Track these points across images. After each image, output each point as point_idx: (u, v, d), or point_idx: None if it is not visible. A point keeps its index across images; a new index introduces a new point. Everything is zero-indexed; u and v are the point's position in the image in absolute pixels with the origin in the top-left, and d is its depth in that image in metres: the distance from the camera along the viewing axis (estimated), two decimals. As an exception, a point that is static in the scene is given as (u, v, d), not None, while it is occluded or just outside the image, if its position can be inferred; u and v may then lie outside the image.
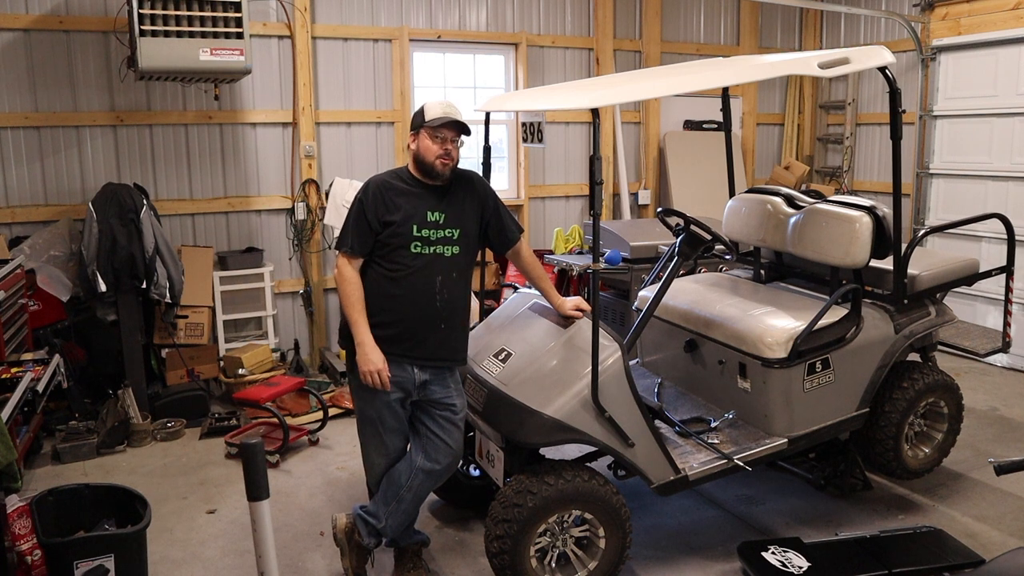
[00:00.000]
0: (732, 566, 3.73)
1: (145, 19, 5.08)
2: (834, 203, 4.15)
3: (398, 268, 3.26)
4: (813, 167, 8.63)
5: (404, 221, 3.25)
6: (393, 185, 3.32)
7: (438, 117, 3.28)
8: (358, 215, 3.27)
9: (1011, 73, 6.57)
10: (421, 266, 3.27)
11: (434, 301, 3.29)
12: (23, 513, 3.16)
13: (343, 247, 3.28)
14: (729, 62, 4.07)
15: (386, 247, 3.26)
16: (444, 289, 3.30)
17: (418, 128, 3.31)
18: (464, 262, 3.39)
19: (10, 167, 5.74)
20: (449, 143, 3.29)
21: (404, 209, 3.26)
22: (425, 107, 3.34)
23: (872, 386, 4.02)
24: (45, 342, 5.36)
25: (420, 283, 3.27)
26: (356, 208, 3.29)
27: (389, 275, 3.27)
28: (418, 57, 7.01)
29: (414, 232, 3.26)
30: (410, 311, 3.27)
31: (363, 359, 3.20)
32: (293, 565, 3.78)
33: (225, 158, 6.36)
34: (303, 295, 6.70)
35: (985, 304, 6.76)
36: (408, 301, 3.26)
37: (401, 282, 3.26)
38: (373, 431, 3.40)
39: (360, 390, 3.35)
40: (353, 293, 3.24)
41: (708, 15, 8.12)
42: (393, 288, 3.26)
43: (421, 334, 3.29)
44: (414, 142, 3.32)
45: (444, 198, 3.34)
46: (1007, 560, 2.21)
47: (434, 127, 3.26)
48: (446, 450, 3.41)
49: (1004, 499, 4.34)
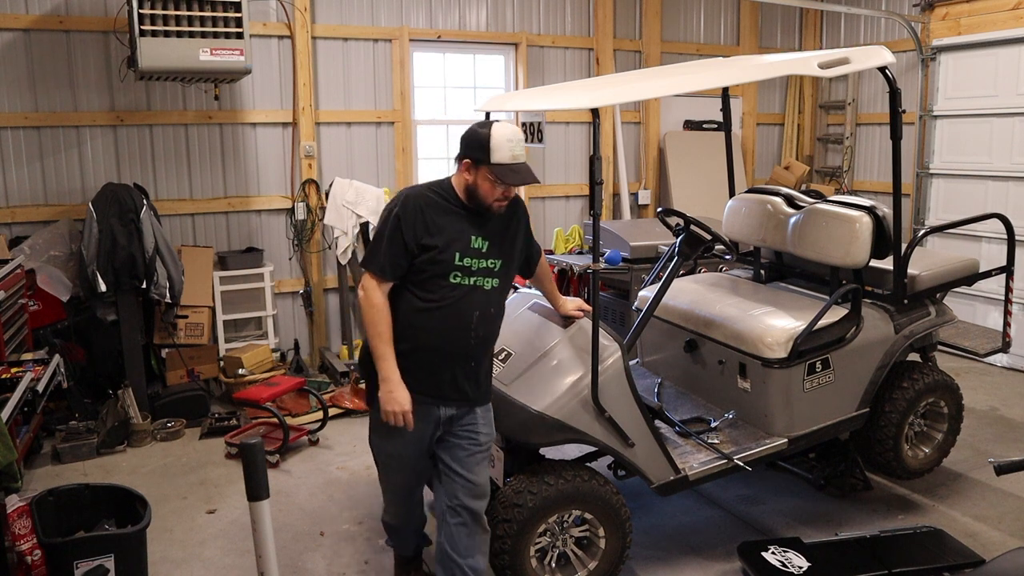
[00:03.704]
0: (732, 566, 3.73)
1: (145, 19, 5.08)
2: (834, 203, 4.15)
3: (432, 299, 2.90)
4: (813, 167, 8.63)
5: (446, 247, 2.87)
6: (434, 202, 2.91)
7: (507, 164, 2.84)
8: (393, 233, 2.86)
9: (1011, 73, 6.57)
10: (458, 298, 2.91)
11: (468, 338, 2.95)
12: (23, 513, 3.16)
13: (372, 268, 2.90)
14: (729, 62, 4.07)
15: (421, 273, 2.89)
16: (480, 326, 2.97)
17: (479, 163, 2.86)
18: (502, 297, 3.06)
19: (10, 167, 5.74)
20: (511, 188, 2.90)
21: (447, 232, 2.88)
22: (492, 140, 2.82)
23: (872, 386, 4.02)
24: (45, 342, 5.36)
25: (454, 317, 2.92)
26: (392, 225, 2.87)
27: (421, 305, 2.91)
28: (418, 57, 7.01)
29: (456, 261, 2.89)
30: (441, 347, 2.93)
31: (387, 397, 2.88)
32: (293, 565, 3.78)
33: (225, 158, 6.36)
34: (303, 295, 6.70)
35: (985, 304, 6.76)
36: (439, 336, 2.92)
37: (434, 314, 2.90)
38: (394, 468, 3.13)
39: (380, 425, 3.02)
40: (380, 322, 2.87)
41: (708, 15, 8.12)
42: (424, 320, 2.91)
43: (450, 372, 2.97)
44: (469, 173, 2.88)
45: (487, 223, 2.97)
46: (1007, 560, 2.21)
47: (499, 174, 2.84)
48: (466, 488, 3.02)
49: (1004, 499, 4.34)
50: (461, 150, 2.92)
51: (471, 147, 2.87)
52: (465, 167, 2.90)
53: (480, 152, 2.84)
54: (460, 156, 2.92)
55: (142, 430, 5.21)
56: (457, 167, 2.96)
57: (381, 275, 2.89)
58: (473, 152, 2.86)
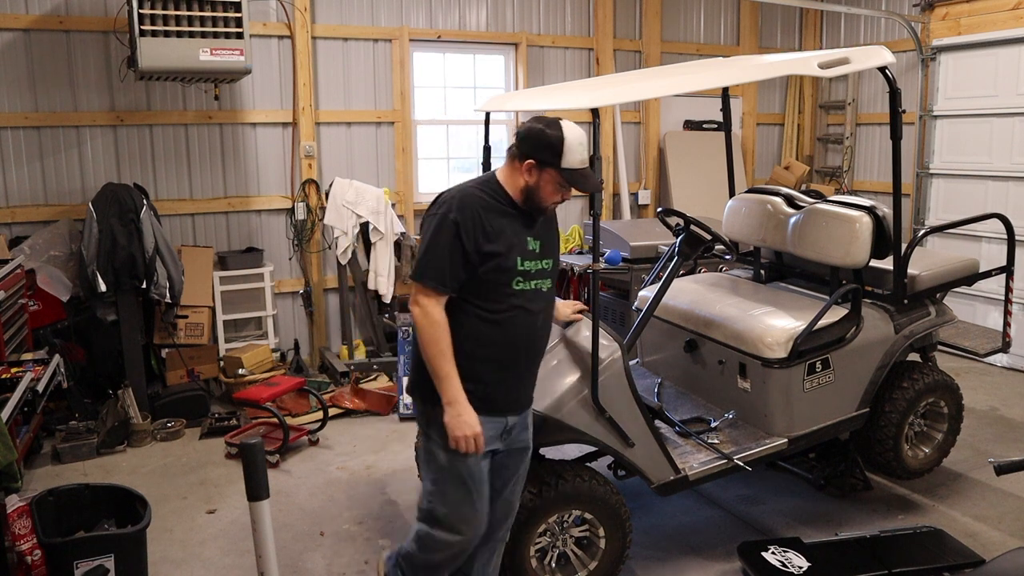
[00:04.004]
0: (732, 566, 3.73)
1: (145, 19, 5.08)
2: (834, 203, 4.15)
3: (499, 309, 2.72)
4: (813, 167, 8.63)
5: (508, 252, 2.70)
6: (489, 204, 2.71)
7: (578, 169, 2.71)
8: (453, 241, 2.63)
9: (1011, 73, 6.57)
10: (521, 305, 2.76)
11: (535, 344, 2.86)
12: (23, 513, 3.16)
13: (430, 280, 2.64)
14: (729, 62, 4.07)
15: (484, 283, 2.70)
16: (542, 331, 2.88)
17: (546, 165, 2.69)
18: (553, 299, 2.96)
19: (10, 167, 5.74)
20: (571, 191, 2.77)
21: (506, 236, 2.71)
22: (565, 143, 2.67)
23: (872, 386, 4.02)
24: (45, 342, 5.36)
25: (523, 325, 2.77)
26: (449, 232, 2.64)
27: (488, 317, 2.72)
28: (418, 57, 7.01)
29: (518, 266, 2.73)
30: (511, 357, 2.80)
31: (456, 422, 2.67)
32: (293, 565, 3.78)
33: (225, 158, 6.36)
34: (303, 295, 6.70)
35: (985, 304, 6.76)
36: (508, 348, 2.78)
37: (502, 325, 2.73)
38: (477, 482, 2.83)
39: (445, 450, 2.79)
40: (443, 339, 2.64)
41: (708, 15, 8.12)
42: (491, 332, 2.74)
43: (516, 384, 2.86)
44: (531, 174, 2.70)
45: (536, 224, 2.84)
46: (1007, 560, 2.21)
47: (569, 179, 2.71)
48: (510, 518, 3.01)
49: (1004, 499, 4.34)
50: (525, 150, 2.70)
51: (539, 149, 2.67)
52: (528, 168, 2.69)
53: (550, 155, 2.67)
54: (522, 156, 2.70)
55: (142, 430, 5.21)
56: (510, 165, 2.76)
57: (441, 288, 2.65)
58: (541, 154, 2.67)
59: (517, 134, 2.76)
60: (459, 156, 7.37)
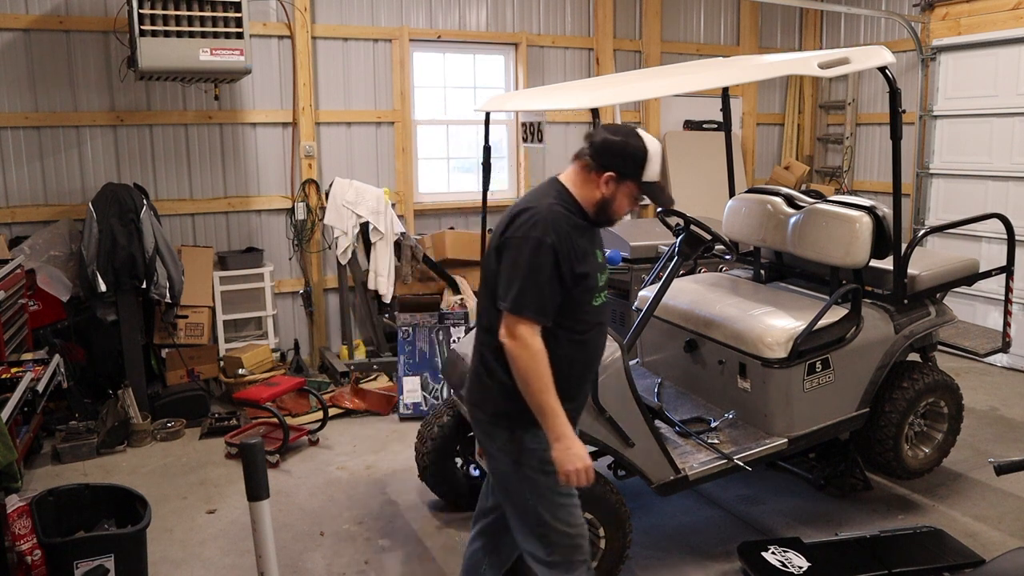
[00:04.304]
0: (732, 566, 3.73)
1: (145, 19, 5.08)
2: (834, 203, 4.15)
3: (586, 328, 2.64)
4: (813, 167, 8.62)
5: (592, 271, 2.60)
6: (573, 222, 2.58)
7: (656, 182, 2.64)
8: (552, 268, 2.48)
9: (1011, 73, 6.57)
10: (599, 321, 2.71)
11: (600, 357, 2.83)
12: (23, 513, 3.16)
13: (531, 311, 2.46)
14: (729, 62, 4.07)
15: (571, 304, 2.58)
16: (606, 342, 2.85)
17: (626, 178, 2.59)
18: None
19: (10, 167, 5.74)
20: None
21: (589, 254, 2.62)
22: (649, 157, 2.59)
23: (872, 386, 4.02)
24: (45, 342, 5.36)
25: (598, 341, 2.73)
26: (548, 257, 2.47)
27: (576, 338, 2.63)
28: (418, 57, 7.01)
29: (599, 283, 2.66)
30: (588, 375, 2.76)
31: (567, 456, 2.51)
32: (293, 565, 3.78)
33: (225, 158, 6.35)
34: (303, 295, 6.70)
35: (985, 304, 6.76)
36: (590, 364, 2.74)
37: (586, 344, 2.67)
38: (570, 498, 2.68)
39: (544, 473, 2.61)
40: (546, 372, 2.46)
41: (708, 15, 8.12)
42: (579, 352, 2.65)
43: (586, 396, 2.87)
44: (609, 187, 2.59)
45: (597, 234, 2.77)
46: (1007, 560, 2.21)
47: (648, 192, 2.64)
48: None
49: (1004, 499, 4.34)
50: (604, 161, 2.58)
51: (622, 160, 2.57)
52: (607, 180, 2.58)
53: (632, 167, 2.58)
54: (601, 167, 2.58)
55: (142, 430, 5.21)
56: (582, 175, 2.64)
57: (542, 318, 2.48)
58: (624, 166, 2.57)
59: (592, 144, 2.62)
60: (459, 156, 7.37)
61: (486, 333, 2.66)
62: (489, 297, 2.63)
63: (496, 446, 2.67)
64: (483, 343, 2.69)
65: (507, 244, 2.54)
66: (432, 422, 4.18)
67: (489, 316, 2.63)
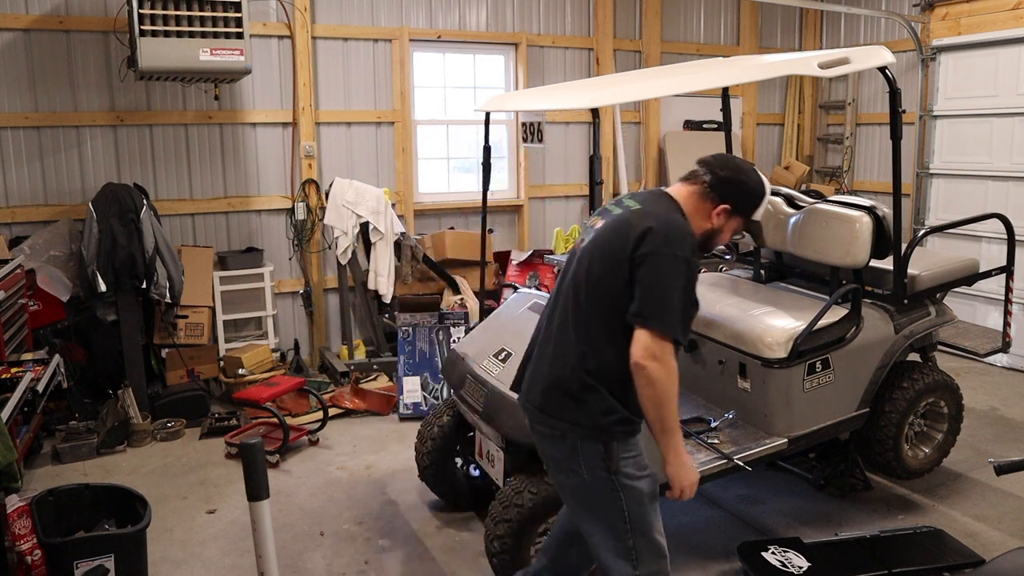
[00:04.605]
0: (732, 566, 3.73)
1: (145, 19, 5.08)
2: (834, 203, 4.15)
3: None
4: (813, 167, 8.63)
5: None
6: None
7: (758, 221, 2.75)
8: (692, 287, 2.46)
9: (1011, 73, 6.57)
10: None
11: None
12: (23, 513, 3.16)
13: (674, 331, 2.38)
14: (729, 62, 4.07)
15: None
16: None
17: (738, 213, 2.63)
18: None
19: (10, 167, 5.74)
20: None
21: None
22: (764, 196, 2.65)
23: (872, 386, 4.02)
24: (45, 342, 5.36)
25: None
26: (688, 277, 2.44)
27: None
28: (418, 57, 7.01)
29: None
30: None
31: (683, 472, 2.52)
32: (293, 565, 3.78)
33: (225, 158, 6.36)
34: (303, 295, 6.70)
35: (985, 304, 6.76)
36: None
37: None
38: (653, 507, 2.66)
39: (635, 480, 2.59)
40: (676, 394, 2.42)
41: (708, 15, 8.12)
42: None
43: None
44: (720, 219, 2.60)
45: None
46: (1007, 560, 2.21)
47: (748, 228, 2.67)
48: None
49: (1004, 499, 4.34)
50: (723, 194, 2.58)
51: (743, 197, 2.60)
52: (721, 211, 2.59)
53: (748, 205, 2.62)
54: (718, 199, 2.59)
55: (142, 430, 5.21)
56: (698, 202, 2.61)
57: (684, 339, 2.43)
58: (743, 201, 2.60)
59: (714, 174, 2.60)
60: (459, 156, 7.37)
61: (584, 345, 2.52)
62: (595, 311, 2.51)
63: (583, 460, 2.54)
64: (573, 356, 2.54)
65: (646, 261, 2.41)
66: (432, 422, 4.18)
67: (589, 330, 2.52)
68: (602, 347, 2.49)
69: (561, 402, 2.56)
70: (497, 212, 7.34)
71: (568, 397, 2.55)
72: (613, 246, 2.50)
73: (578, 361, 2.53)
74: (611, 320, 2.48)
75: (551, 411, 2.59)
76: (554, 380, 2.59)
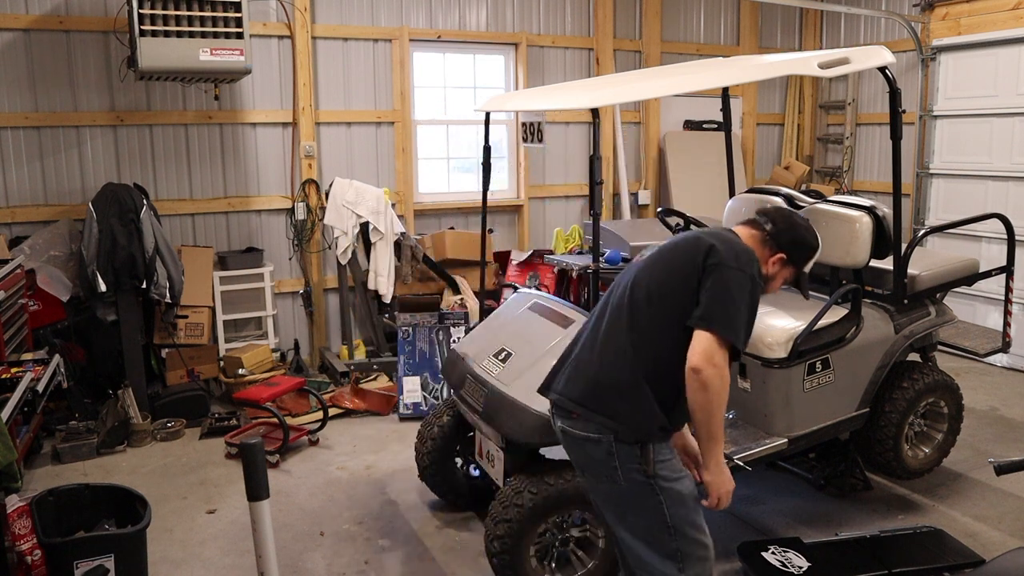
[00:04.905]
0: (732, 566, 3.73)
1: (145, 19, 5.08)
2: (834, 203, 4.15)
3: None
4: (813, 167, 8.63)
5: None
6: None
7: (807, 273, 2.81)
8: (754, 309, 2.56)
9: (1011, 73, 6.57)
10: None
11: None
12: (23, 513, 3.16)
13: (736, 337, 2.45)
14: (729, 62, 4.07)
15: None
16: None
17: (792, 264, 2.73)
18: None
19: (10, 167, 5.74)
20: None
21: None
22: (818, 252, 2.77)
23: (872, 386, 4.02)
24: (45, 342, 5.36)
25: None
26: (751, 296, 2.52)
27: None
28: (418, 57, 7.01)
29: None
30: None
31: (722, 480, 2.58)
32: (293, 565, 3.78)
33: (225, 158, 6.36)
34: (303, 295, 6.70)
35: (985, 304, 6.76)
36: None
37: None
38: (696, 505, 2.65)
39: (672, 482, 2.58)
40: (726, 403, 2.48)
41: (708, 15, 8.12)
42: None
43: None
44: (775, 267, 2.70)
45: None
46: (1007, 560, 2.21)
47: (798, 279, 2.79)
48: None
49: (1004, 499, 4.34)
50: (782, 243, 2.68)
51: (797, 250, 2.71)
52: (777, 260, 2.69)
53: (802, 258, 2.74)
54: (775, 248, 2.68)
55: (142, 430, 5.21)
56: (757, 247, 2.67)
57: (742, 346, 2.49)
58: (796, 255, 2.71)
59: (776, 224, 2.69)
60: (459, 156, 7.37)
61: (641, 349, 2.54)
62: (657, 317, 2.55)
63: (620, 463, 2.54)
64: (626, 357, 2.55)
65: (715, 271, 2.48)
66: (432, 422, 4.18)
67: (648, 335, 2.54)
68: (659, 353, 2.52)
69: (604, 397, 2.56)
70: (497, 212, 7.34)
71: (614, 392, 2.54)
72: (681, 257, 2.59)
73: (632, 362, 2.54)
74: (672, 327, 2.51)
75: (591, 405, 2.57)
76: (603, 377, 2.58)
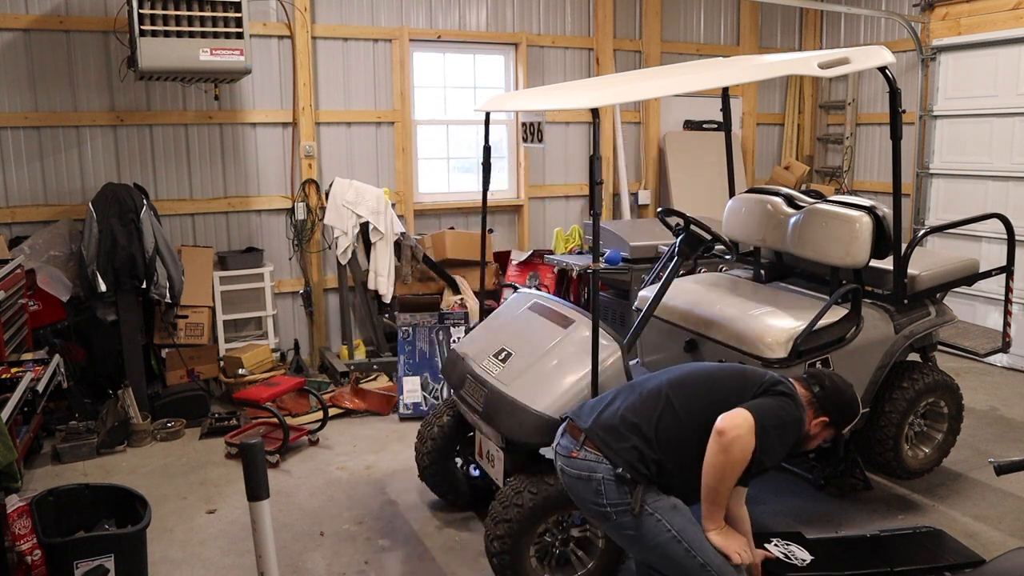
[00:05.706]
0: (732, 566, 3.73)
1: (145, 19, 5.08)
2: (834, 203, 4.15)
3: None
4: (813, 167, 8.63)
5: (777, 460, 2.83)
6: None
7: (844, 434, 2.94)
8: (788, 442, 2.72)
9: (1011, 73, 6.57)
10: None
11: None
12: (23, 513, 3.16)
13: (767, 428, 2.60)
14: (729, 62, 4.07)
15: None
16: None
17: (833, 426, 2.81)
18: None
19: (10, 167, 5.74)
20: None
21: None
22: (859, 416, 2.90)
23: (872, 386, 4.02)
24: (45, 342, 5.36)
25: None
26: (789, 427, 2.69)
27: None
28: (418, 57, 7.01)
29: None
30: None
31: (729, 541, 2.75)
32: (293, 565, 3.78)
33: (225, 158, 6.36)
34: (303, 295, 6.70)
35: (985, 304, 6.76)
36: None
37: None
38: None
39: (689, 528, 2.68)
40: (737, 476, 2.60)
41: (708, 15, 8.12)
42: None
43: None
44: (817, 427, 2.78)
45: None
46: (1007, 560, 2.21)
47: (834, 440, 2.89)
48: None
49: (1004, 499, 4.34)
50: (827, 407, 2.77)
51: (841, 414, 2.80)
52: (820, 423, 2.78)
53: (843, 421, 2.83)
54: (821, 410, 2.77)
55: (142, 430, 5.21)
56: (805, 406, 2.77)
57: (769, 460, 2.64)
58: (839, 418, 2.80)
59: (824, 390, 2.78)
60: (459, 156, 7.37)
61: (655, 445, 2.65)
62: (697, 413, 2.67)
63: (607, 501, 2.65)
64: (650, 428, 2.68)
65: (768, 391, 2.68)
66: (432, 422, 4.18)
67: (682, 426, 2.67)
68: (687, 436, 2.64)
69: (614, 435, 2.67)
70: (497, 212, 7.35)
71: (627, 433, 2.66)
72: (739, 379, 2.75)
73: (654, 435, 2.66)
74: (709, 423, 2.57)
75: (600, 439, 2.68)
76: (621, 422, 2.69)
